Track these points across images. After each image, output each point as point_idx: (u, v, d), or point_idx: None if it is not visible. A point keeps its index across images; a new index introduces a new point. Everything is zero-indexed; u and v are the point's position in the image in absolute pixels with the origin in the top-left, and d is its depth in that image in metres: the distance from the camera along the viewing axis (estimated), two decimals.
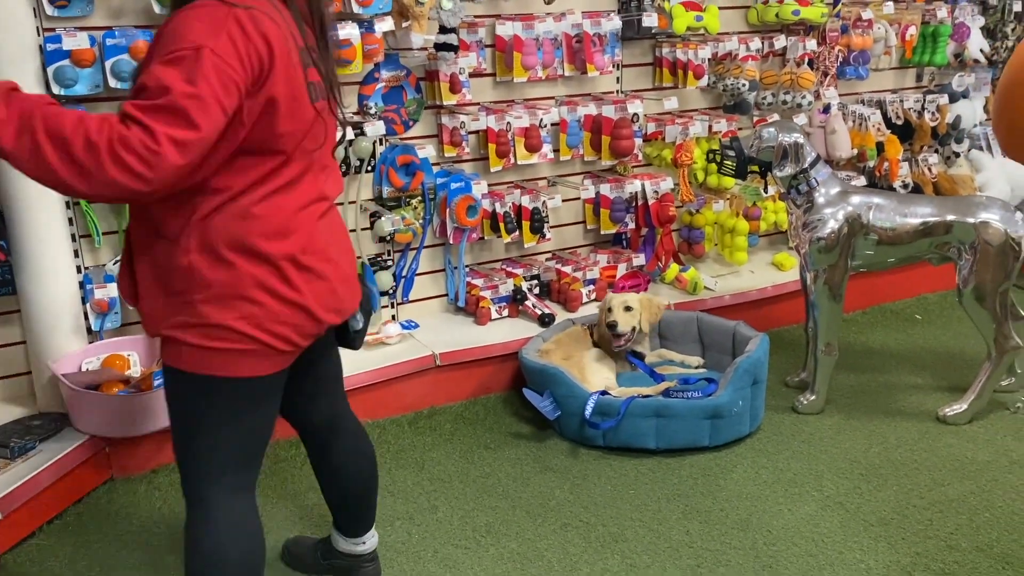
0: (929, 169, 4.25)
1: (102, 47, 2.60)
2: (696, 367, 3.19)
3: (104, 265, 2.83)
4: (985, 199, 2.96)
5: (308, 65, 1.61)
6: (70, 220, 2.74)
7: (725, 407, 2.76)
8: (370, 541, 2.18)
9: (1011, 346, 2.95)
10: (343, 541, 2.17)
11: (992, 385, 3.00)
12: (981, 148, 4.37)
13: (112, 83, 2.62)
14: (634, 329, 3.08)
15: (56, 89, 2.57)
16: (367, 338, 3.15)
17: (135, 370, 2.76)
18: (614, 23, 3.40)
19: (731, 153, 3.05)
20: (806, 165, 2.94)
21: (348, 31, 2.84)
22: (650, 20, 3.39)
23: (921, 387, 3.30)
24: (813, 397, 3.09)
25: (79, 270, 2.79)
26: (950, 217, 2.92)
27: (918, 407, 3.13)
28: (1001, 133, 1.40)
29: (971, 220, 2.89)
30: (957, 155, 4.33)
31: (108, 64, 2.60)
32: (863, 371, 3.43)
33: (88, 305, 2.77)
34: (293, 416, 2.00)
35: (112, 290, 2.78)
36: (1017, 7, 4.30)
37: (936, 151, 4.32)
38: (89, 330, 2.81)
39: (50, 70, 2.55)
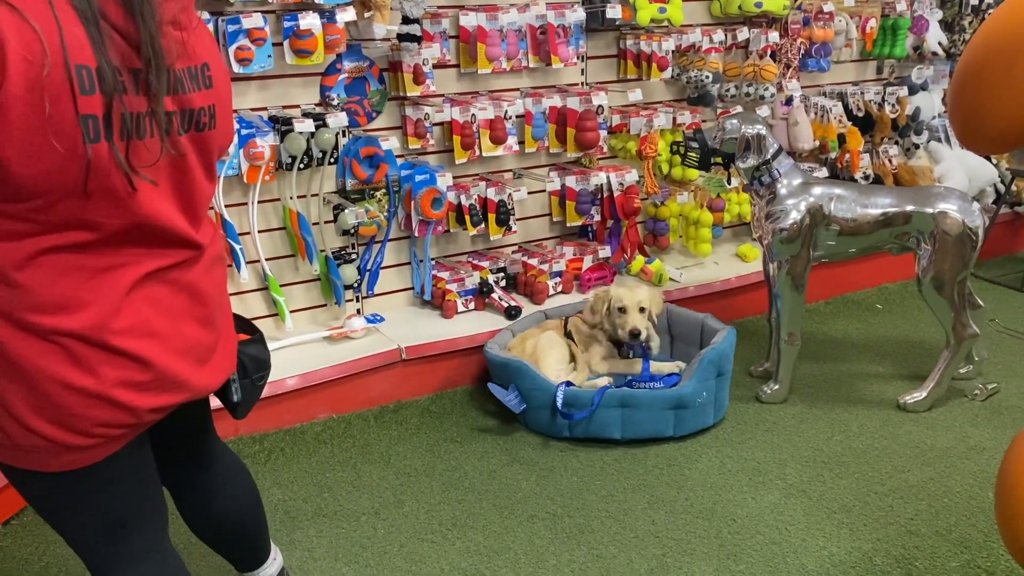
0: (889, 160, 4.31)
1: None
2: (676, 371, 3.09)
3: None
4: (943, 190, 3.00)
5: (112, 91, 1.20)
6: None
7: (689, 398, 2.78)
8: (275, 563, 1.98)
9: (969, 334, 3.00)
10: None
11: (951, 373, 3.05)
12: (940, 140, 4.44)
13: None
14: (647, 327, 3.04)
15: None
16: (332, 332, 3.14)
17: None
18: (578, 15, 3.39)
19: (695, 145, 3.06)
20: (768, 156, 2.96)
21: (309, 21, 2.80)
22: (614, 12, 3.39)
23: (882, 376, 3.34)
24: (776, 387, 3.12)
25: None
26: (909, 208, 2.96)
27: (879, 395, 3.17)
28: (956, 123, 1.42)
29: (930, 210, 2.94)
30: (917, 146, 4.39)
31: None
32: (826, 360, 3.47)
33: None
34: (162, 476, 1.65)
35: None
36: (974, 1, 4.36)
37: (896, 143, 4.38)
38: None
39: None
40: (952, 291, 2.96)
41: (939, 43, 4.30)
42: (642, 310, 3.00)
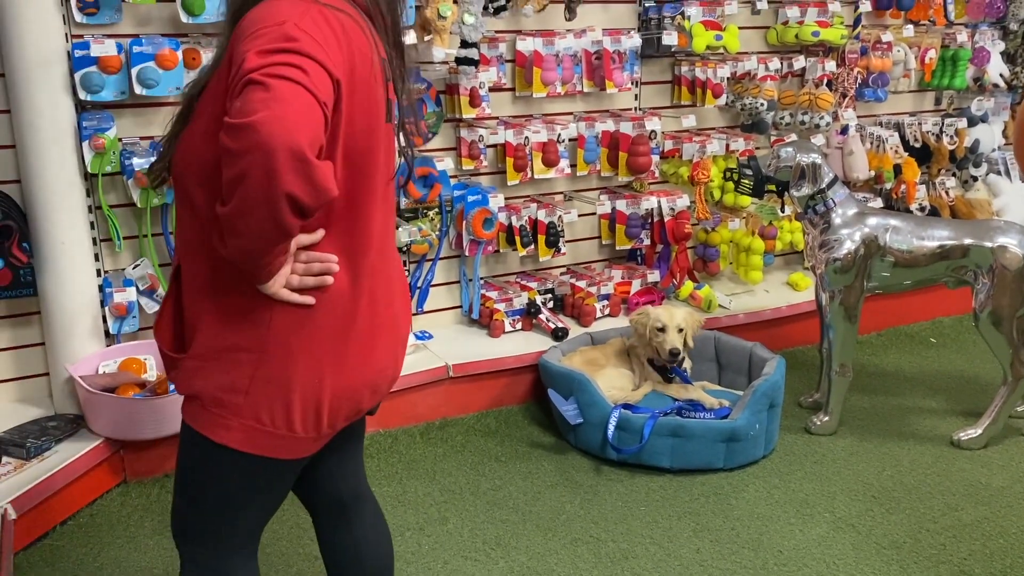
0: (947, 192, 4.24)
1: (128, 54, 2.63)
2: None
3: (123, 269, 2.86)
4: (1003, 223, 2.95)
5: (388, 80, 1.38)
6: (92, 224, 2.77)
7: (742, 430, 2.75)
8: None
9: None
10: None
11: (1008, 410, 2.98)
12: (999, 173, 4.36)
13: (137, 90, 2.65)
14: (686, 346, 3.04)
15: (83, 95, 2.60)
16: None
17: (151, 374, 2.78)
18: (634, 41, 3.42)
19: (748, 172, 3.06)
20: (823, 185, 2.94)
21: None
22: (670, 39, 3.41)
23: (935, 411, 3.28)
24: (827, 418, 3.08)
25: (99, 274, 2.82)
26: (967, 241, 2.91)
27: (932, 431, 3.11)
28: (1021, 159, 1.40)
29: (989, 244, 2.89)
30: (975, 179, 4.32)
31: (134, 71, 2.63)
32: (877, 393, 3.42)
33: (107, 308, 2.80)
34: (310, 488, 1.68)
35: (131, 294, 2.80)
36: None
37: (954, 175, 4.31)
38: (107, 333, 2.84)
39: (77, 76, 2.59)
40: (1011, 327, 2.89)
41: (1000, 75, 4.23)
42: (680, 331, 2.99)
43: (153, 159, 1.80)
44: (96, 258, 2.80)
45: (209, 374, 1.36)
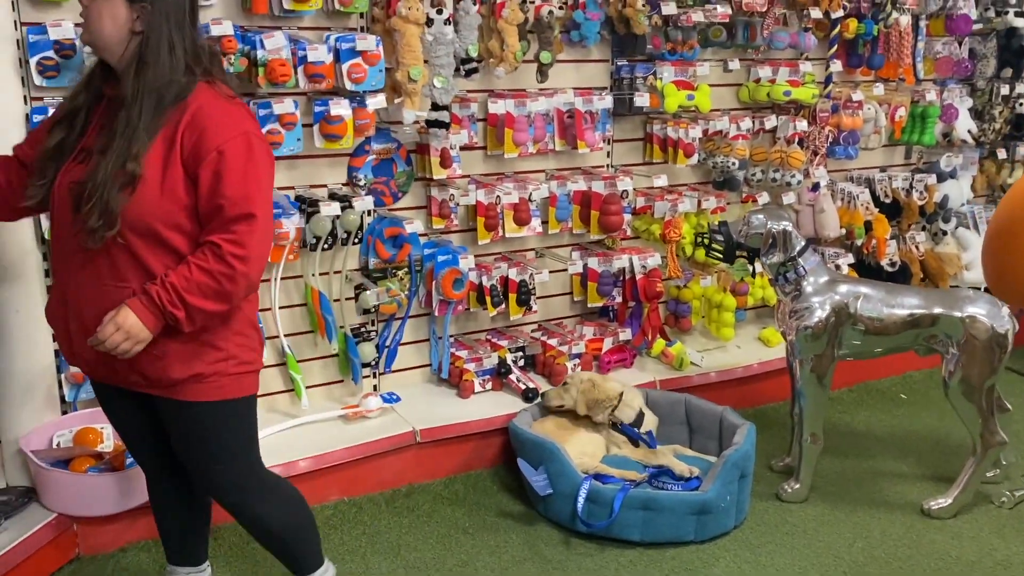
0: (917, 247, 4.26)
1: None
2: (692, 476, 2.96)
3: None
4: (972, 293, 2.95)
5: None
6: (48, 289, 2.69)
7: (713, 503, 2.72)
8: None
9: (997, 441, 2.93)
10: None
11: (977, 479, 2.98)
12: (968, 227, 4.40)
13: None
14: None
15: None
16: (348, 412, 3.12)
17: (108, 444, 2.69)
18: (605, 102, 3.41)
19: (720, 237, 3.05)
20: (794, 253, 2.93)
21: (339, 108, 2.83)
22: (642, 100, 3.40)
23: (906, 475, 3.27)
24: (797, 486, 3.05)
25: (54, 339, 2.73)
26: (937, 310, 2.91)
27: (903, 497, 3.09)
28: (989, 275, 1.39)
29: (958, 314, 2.89)
30: (944, 233, 4.35)
31: None
32: (848, 455, 3.40)
33: (63, 375, 2.71)
34: None
35: None
36: (1004, 90, 4.35)
37: (924, 229, 4.34)
38: (63, 399, 2.75)
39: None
40: (980, 397, 2.89)
41: (968, 131, 4.27)
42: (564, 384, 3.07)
43: (39, 180, 1.95)
44: None
45: (188, 360, 1.92)
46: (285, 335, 3.06)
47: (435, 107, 2.99)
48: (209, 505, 2.31)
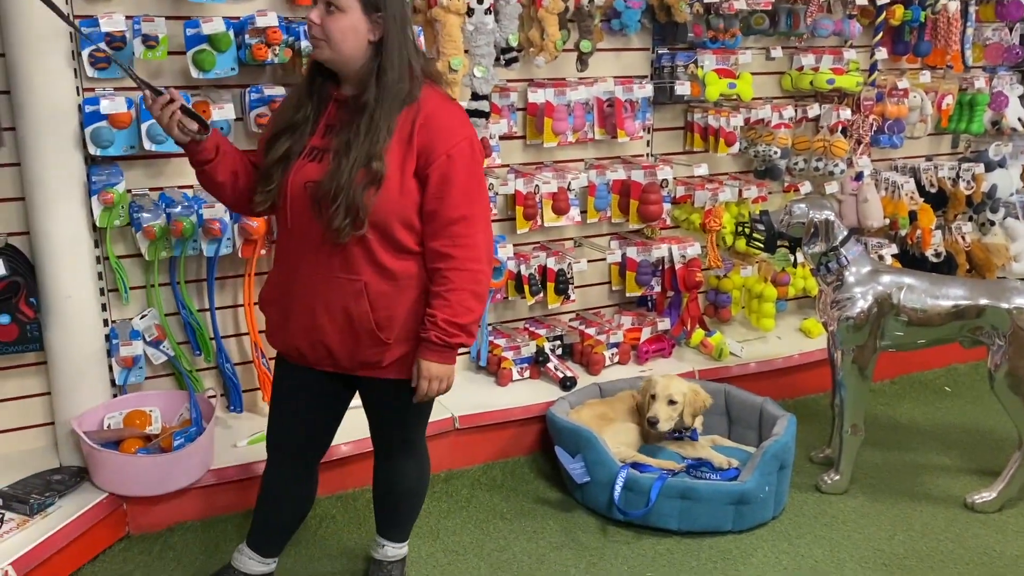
0: (963, 237, 4.19)
1: (139, 109, 2.63)
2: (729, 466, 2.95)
3: (131, 320, 2.85)
4: (1020, 284, 2.90)
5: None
6: (99, 275, 2.77)
7: (751, 493, 2.71)
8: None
9: None
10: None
11: (1023, 474, 2.93)
12: (1017, 217, 4.30)
13: (147, 145, 2.65)
14: (678, 427, 2.97)
15: (92, 149, 2.60)
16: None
17: (156, 427, 2.76)
18: (646, 90, 3.40)
19: (761, 227, 3.02)
20: (836, 243, 2.90)
21: None
22: (683, 88, 3.38)
23: (949, 468, 3.22)
24: (837, 477, 3.03)
25: (106, 324, 2.81)
26: (983, 301, 2.87)
27: (946, 491, 3.05)
28: None
29: (1005, 305, 2.84)
30: (992, 223, 4.26)
31: (144, 126, 2.63)
32: (890, 447, 3.36)
33: (113, 359, 2.79)
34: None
35: (137, 347, 2.79)
36: None
37: (971, 219, 4.26)
38: (113, 383, 2.83)
39: (87, 130, 2.59)
40: None
41: (1019, 119, 4.18)
42: (672, 403, 2.94)
43: (266, 187, 2.06)
44: (103, 308, 2.80)
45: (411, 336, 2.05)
46: None
47: (475, 96, 3.00)
48: (311, 504, 2.40)
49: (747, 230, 3.07)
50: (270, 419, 2.31)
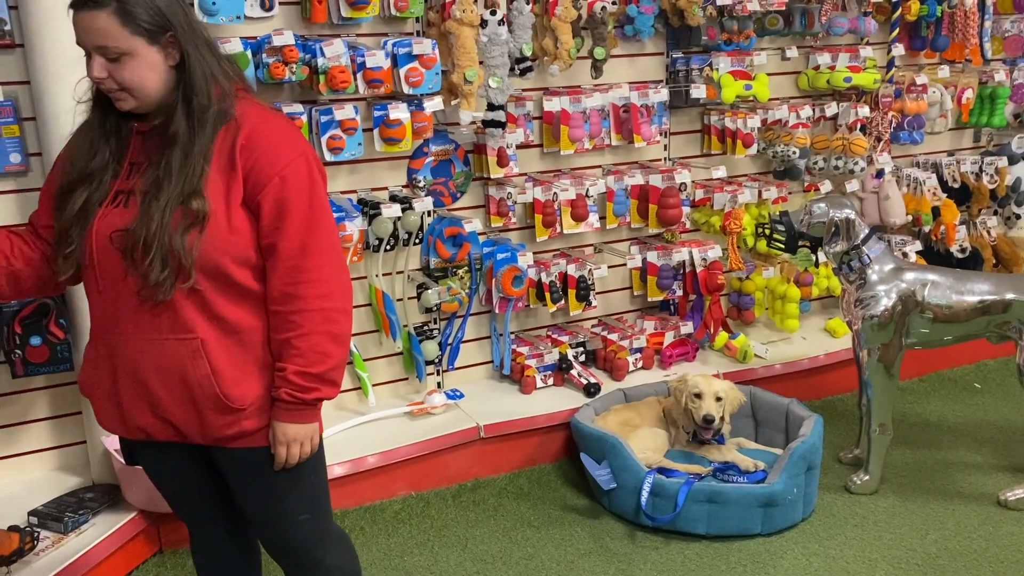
0: (988, 232, 4.14)
1: None
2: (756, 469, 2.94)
3: None
4: None
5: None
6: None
7: (780, 495, 2.70)
8: None
9: None
10: None
11: None
12: None
13: None
14: (722, 419, 2.97)
15: None
16: (413, 408, 3.18)
17: None
18: (662, 95, 3.40)
19: (781, 228, 3.01)
20: (858, 241, 2.89)
21: (398, 112, 2.89)
22: (698, 91, 3.38)
23: (981, 465, 3.18)
24: (867, 477, 3.00)
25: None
26: (1009, 296, 2.84)
27: (978, 488, 3.02)
28: None
29: None
30: (1018, 217, 4.22)
31: None
32: (919, 446, 3.33)
33: None
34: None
35: None
36: None
37: (995, 213, 4.21)
38: None
39: None
40: None
41: None
42: (718, 400, 2.93)
43: (65, 249, 1.71)
44: None
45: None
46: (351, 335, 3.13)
47: (491, 107, 3.02)
48: (259, 554, 2.09)
49: (768, 231, 3.06)
50: (167, 501, 2.03)
